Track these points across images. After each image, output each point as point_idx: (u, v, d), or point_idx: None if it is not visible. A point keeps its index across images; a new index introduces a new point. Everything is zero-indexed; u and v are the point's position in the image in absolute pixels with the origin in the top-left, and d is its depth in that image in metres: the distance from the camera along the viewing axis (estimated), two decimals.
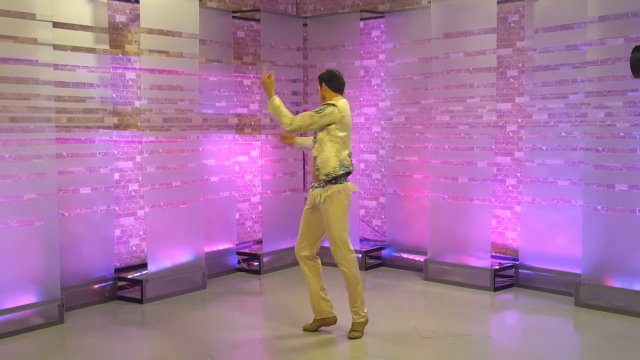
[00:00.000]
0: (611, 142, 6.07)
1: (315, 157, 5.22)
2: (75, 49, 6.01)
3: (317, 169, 5.21)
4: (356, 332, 5.26)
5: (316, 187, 5.24)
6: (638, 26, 5.88)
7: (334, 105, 5.18)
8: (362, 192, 8.20)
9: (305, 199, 8.09)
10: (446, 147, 7.10)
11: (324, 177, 5.17)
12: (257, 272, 7.47)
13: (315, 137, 5.26)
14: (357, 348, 5.07)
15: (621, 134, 6.00)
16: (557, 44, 6.45)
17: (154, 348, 5.22)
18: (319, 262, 5.43)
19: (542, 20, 6.48)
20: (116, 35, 6.56)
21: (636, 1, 5.85)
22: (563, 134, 6.47)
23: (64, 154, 6.01)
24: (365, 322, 5.31)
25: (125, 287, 6.50)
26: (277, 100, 5.19)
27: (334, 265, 5.41)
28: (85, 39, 6.08)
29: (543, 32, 6.50)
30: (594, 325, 5.68)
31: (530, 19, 6.56)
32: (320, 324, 5.43)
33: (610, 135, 6.07)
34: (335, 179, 5.17)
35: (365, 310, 5.31)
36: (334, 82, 5.31)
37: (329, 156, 5.15)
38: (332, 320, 5.41)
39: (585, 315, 5.91)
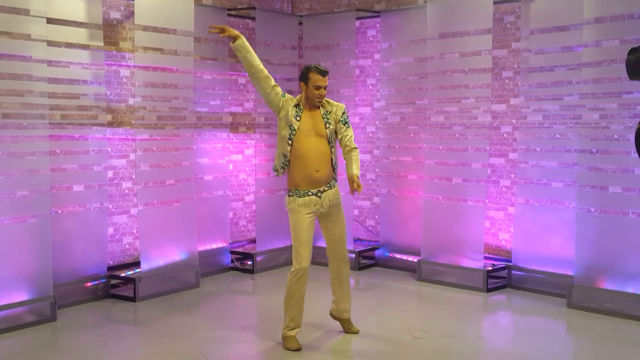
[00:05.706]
0: (605, 145, 6.08)
1: (331, 157, 5.00)
2: (69, 45, 5.98)
3: (334, 169, 5.06)
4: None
5: (327, 190, 5.01)
6: (634, 28, 5.88)
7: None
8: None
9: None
10: (441, 147, 7.10)
11: (334, 178, 5.09)
12: (250, 271, 7.46)
13: (330, 137, 5.02)
14: (349, 348, 5.07)
15: (615, 136, 6.01)
16: (553, 45, 6.45)
17: (147, 347, 5.19)
18: None
19: (538, 21, 6.48)
20: (110, 32, 6.53)
21: (632, 3, 5.85)
22: (557, 136, 6.48)
23: (57, 151, 5.99)
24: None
25: (118, 285, 6.48)
26: None
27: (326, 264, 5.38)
28: (79, 35, 6.05)
29: (539, 33, 6.50)
30: (586, 327, 5.69)
31: (526, 20, 6.56)
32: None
33: (604, 137, 6.07)
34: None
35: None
36: None
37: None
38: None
39: (577, 317, 5.91)
